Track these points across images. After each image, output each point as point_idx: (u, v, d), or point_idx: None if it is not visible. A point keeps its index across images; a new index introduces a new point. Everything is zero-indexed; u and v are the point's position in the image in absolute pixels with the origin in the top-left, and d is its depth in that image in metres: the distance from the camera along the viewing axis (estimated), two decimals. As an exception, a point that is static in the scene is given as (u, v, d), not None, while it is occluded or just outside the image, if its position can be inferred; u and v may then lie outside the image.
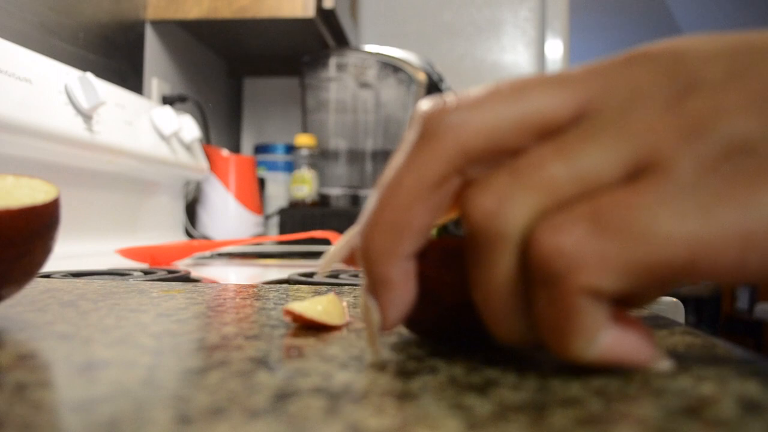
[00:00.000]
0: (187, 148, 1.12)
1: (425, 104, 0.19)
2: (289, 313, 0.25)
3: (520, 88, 0.18)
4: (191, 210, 1.31)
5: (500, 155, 0.18)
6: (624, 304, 0.18)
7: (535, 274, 0.17)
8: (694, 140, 0.16)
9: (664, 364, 0.18)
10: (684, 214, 0.16)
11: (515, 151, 0.18)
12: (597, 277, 0.16)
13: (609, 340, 0.17)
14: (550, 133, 0.18)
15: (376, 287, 0.19)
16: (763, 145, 0.16)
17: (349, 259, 0.23)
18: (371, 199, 0.19)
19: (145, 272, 0.57)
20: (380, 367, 0.19)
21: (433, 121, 0.18)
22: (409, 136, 0.19)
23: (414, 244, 0.19)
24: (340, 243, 0.24)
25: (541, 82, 0.18)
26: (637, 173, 0.17)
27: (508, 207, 0.17)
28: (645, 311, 0.31)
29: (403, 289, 0.19)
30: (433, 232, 0.22)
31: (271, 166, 1.52)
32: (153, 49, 1.22)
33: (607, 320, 0.17)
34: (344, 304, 0.27)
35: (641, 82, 0.18)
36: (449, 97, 0.19)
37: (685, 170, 0.16)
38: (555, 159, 0.17)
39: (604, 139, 0.17)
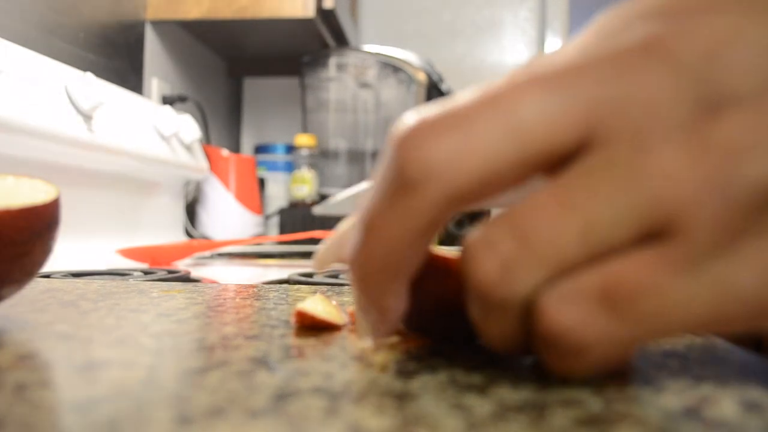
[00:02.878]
0: (187, 148, 1.12)
1: (400, 132, 0.17)
2: (301, 314, 0.25)
3: (511, 100, 0.16)
4: (191, 210, 1.31)
5: (497, 191, 0.16)
6: None
7: (541, 339, 0.16)
8: (718, 193, 0.14)
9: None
10: (699, 286, 0.15)
11: (514, 184, 0.16)
12: (605, 353, 0.15)
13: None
14: (554, 163, 0.16)
15: (370, 312, 0.19)
16: None
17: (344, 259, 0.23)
18: (356, 231, 0.18)
19: (145, 272, 0.57)
20: (380, 367, 0.19)
21: (413, 164, 0.16)
22: (387, 172, 0.17)
23: (408, 276, 0.18)
24: (332, 241, 0.23)
25: (536, 88, 0.16)
26: (652, 235, 0.15)
27: (513, 276, 0.16)
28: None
29: (397, 311, 0.19)
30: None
31: (271, 166, 1.52)
32: (153, 49, 1.22)
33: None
34: (334, 303, 0.27)
35: (658, 96, 0.15)
36: (428, 120, 0.16)
37: (704, 236, 0.14)
38: (561, 219, 0.15)
39: (614, 190, 0.15)
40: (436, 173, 0.16)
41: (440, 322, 0.21)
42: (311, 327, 0.25)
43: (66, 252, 0.79)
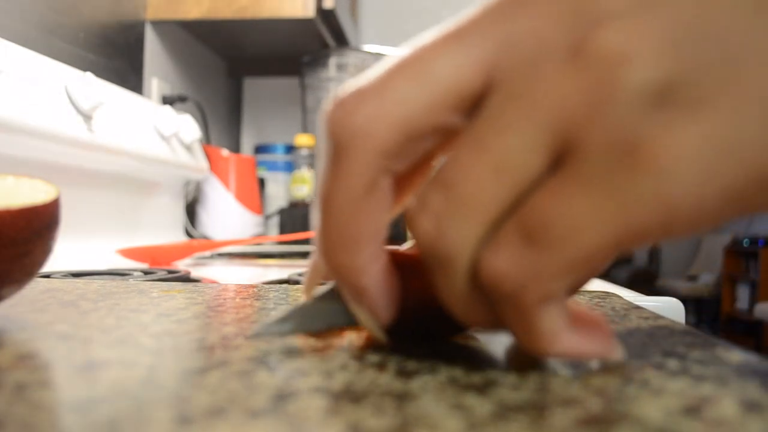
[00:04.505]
0: (187, 148, 1.12)
1: (327, 104, 0.18)
2: None
3: (420, 58, 0.17)
4: (191, 210, 1.31)
5: (422, 139, 0.17)
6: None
7: (488, 294, 0.17)
8: (602, 104, 0.15)
9: (618, 353, 0.18)
10: (600, 201, 0.15)
11: (436, 130, 0.17)
12: (541, 288, 0.16)
13: (570, 339, 0.17)
14: (465, 106, 0.17)
15: (356, 298, 0.19)
16: (682, 87, 0.15)
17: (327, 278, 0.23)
18: (314, 217, 0.19)
19: (145, 272, 0.57)
20: (380, 367, 0.19)
21: (341, 130, 0.17)
22: (325, 147, 0.18)
23: (373, 248, 0.18)
24: (310, 267, 0.24)
25: (440, 43, 0.17)
26: (558, 160, 0.16)
27: (447, 230, 0.17)
28: (646, 311, 0.31)
29: (383, 288, 0.19)
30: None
31: (271, 166, 1.52)
32: (153, 49, 1.22)
33: (566, 319, 0.17)
34: None
35: (542, 26, 0.16)
36: (350, 91, 0.18)
37: (597, 150, 0.15)
38: (476, 161, 0.16)
39: (515, 122, 0.16)
40: (360, 133, 0.17)
41: (421, 323, 0.21)
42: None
43: (66, 252, 0.79)
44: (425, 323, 0.21)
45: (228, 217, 1.29)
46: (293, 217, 1.33)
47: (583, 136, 0.15)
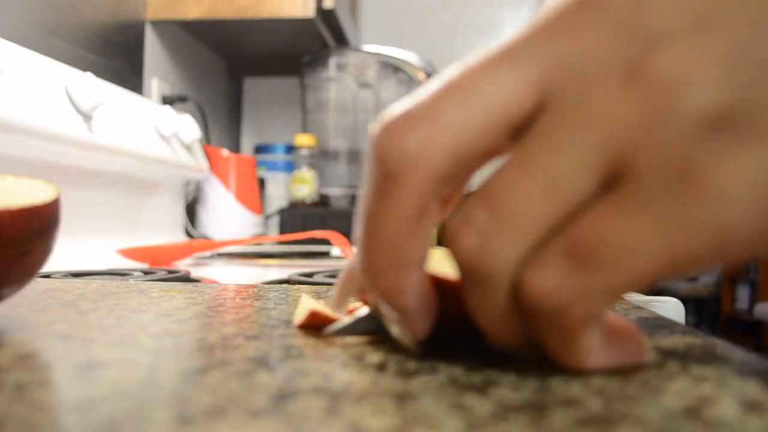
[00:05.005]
0: (187, 148, 1.12)
1: (376, 130, 0.18)
2: (314, 315, 0.25)
3: (470, 81, 0.17)
4: (191, 210, 1.31)
5: (474, 165, 0.17)
6: None
7: (529, 312, 0.17)
8: (659, 128, 0.15)
9: (649, 356, 0.19)
10: (654, 225, 0.15)
11: (487, 154, 0.17)
12: (586, 309, 0.16)
13: (606, 354, 0.17)
14: (517, 129, 0.17)
15: (399, 318, 0.19)
16: (741, 114, 0.15)
17: (361, 295, 0.23)
18: (358, 238, 0.19)
19: (145, 272, 0.57)
20: (380, 367, 0.19)
21: (391, 158, 0.17)
22: (371, 171, 0.18)
23: (418, 271, 0.18)
24: (342, 278, 0.23)
25: (491, 65, 0.17)
26: (609, 181, 0.16)
27: (491, 248, 0.17)
28: (646, 311, 0.31)
29: (425, 307, 0.19)
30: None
31: (271, 166, 1.52)
32: (153, 49, 1.22)
33: (602, 338, 0.17)
34: (323, 302, 0.27)
35: (595, 46, 0.16)
36: (398, 115, 0.17)
37: (653, 174, 0.15)
38: (526, 179, 0.16)
39: (569, 142, 0.16)
40: (412, 159, 0.17)
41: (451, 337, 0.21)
42: (319, 327, 0.25)
43: (66, 252, 0.79)
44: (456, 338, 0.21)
45: (228, 217, 1.29)
46: (293, 217, 1.33)
47: (638, 158, 0.15)
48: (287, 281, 0.53)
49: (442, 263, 0.22)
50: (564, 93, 0.16)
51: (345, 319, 0.24)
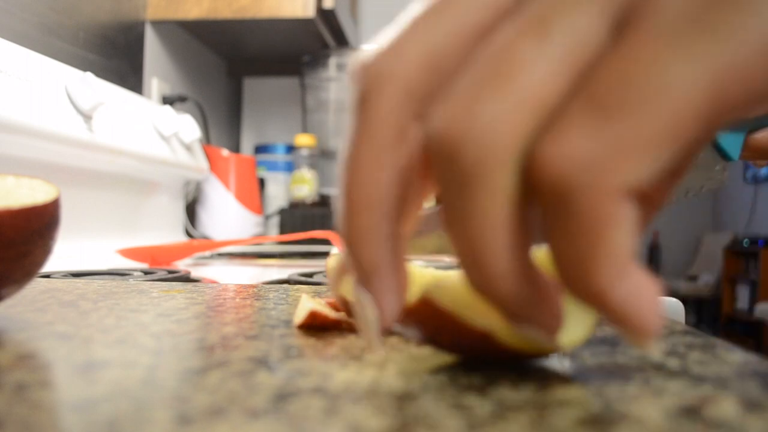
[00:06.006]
0: (187, 148, 1.12)
1: (356, 59, 0.16)
2: (314, 315, 0.25)
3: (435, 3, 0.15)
4: (191, 210, 1.31)
5: (448, 71, 0.15)
6: (667, 182, 0.16)
7: (548, 201, 0.14)
8: None
9: (655, 348, 0.16)
10: (692, 48, 0.13)
11: (462, 57, 0.15)
12: (624, 174, 0.13)
13: (635, 282, 0.14)
14: (495, 19, 0.15)
15: (365, 277, 0.16)
16: None
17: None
18: (338, 182, 0.17)
19: (145, 272, 0.57)
20: (380, 367, 0.19)
21: (363, 79, 0.16)
22: (351, 102, 0.16)
23: (391, 218, 0.16)
24: (336, 263, 0.22)
25: None
26: (623, 25, 0.13)
27: (483, 107, 0.14)
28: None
29: (395, 275, 0.16)
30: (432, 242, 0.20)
31: (271, 166, 1.52)
32: (153, 49, 1.22)
33: (633, 255, 0.14)
34: (323, 301, 0.27)
35: None
36: (375, 44, 0.16)
37: (675, 6, 0.13)
38: (522, 35, 0.14)
39: None
40: (383, 75, 0.15)
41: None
42: (319, 327, 0.25)
43: (66, 252, 0.79)
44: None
45: (228, 217, 1.29)
46: (293, 217, 1.33)
47: None
48: (287, 281, 0.53)
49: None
50: None
51: (307, 307, 0.23)
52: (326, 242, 0.91)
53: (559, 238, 0.14)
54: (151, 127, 1.01)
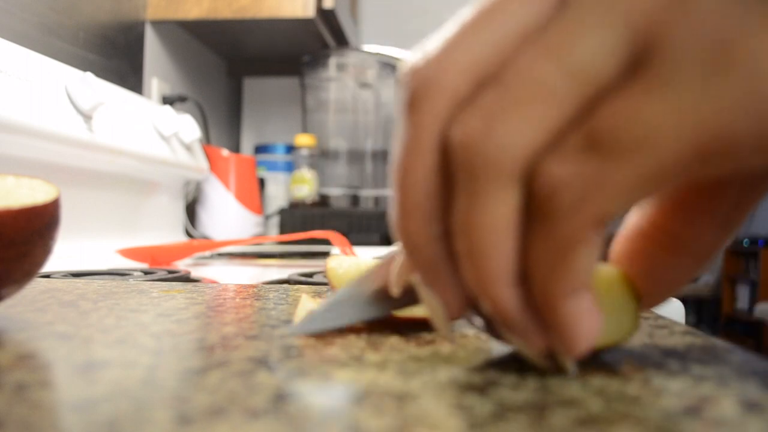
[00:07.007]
0: (187, 148, 1.12)
1: (406, 62, 0.17)
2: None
3: (483, 9, 0.16)
4: (191, 210, 1.31)
5: (487, 79, 0.16)
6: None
7: (537, 209, 0.15)
8: (688, 3, 0.14)
9: (573, 369, 0.17)
10: (682, 104, 0.14)
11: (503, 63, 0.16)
12: (601, 204, 0.15)
13: (584, 304, 0.16)
14: (537, 32, 0.16)
15: (425, 275, 0.18)
16: None
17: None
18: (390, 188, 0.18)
19: (145, 272, 0.57)
20: (380, 367, 0.19)
21: (411, 84, 0.16)
22: (401, 105, 0.17)
23: (440, 219, 0.17)
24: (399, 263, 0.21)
25: None
26: (636, 65, 0.15)
27: (499, 126, 0.15)
28: (646, 311, 0.30)
29: (452, 271, 0.17)
30: None
31: (271, 166, 1.52)
32: (153, 49, 1.22)
33: (592, 296, 0.16)
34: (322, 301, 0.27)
35: None
36: (421, 52, 0.17)
37: (681, 49, 0.14)
38: (543, 60, 0.15)
39: (592, 21, 0.15)
40: (431, 82, 0.16)
41: None
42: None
43: (66, 252, 0.79)
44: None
45: (228, 217, 1.29)
46: (293, 217, 1.33)
47: (666, 36, 0.14)
48: (287, 281, 0.52)
49: (609, 287, 0.19)
50: None
51: (307, 307, 0.24)
52: (326, 242, 0.91)
53: (539, 240, 0.16)
54: (151, 127, 1.01)
